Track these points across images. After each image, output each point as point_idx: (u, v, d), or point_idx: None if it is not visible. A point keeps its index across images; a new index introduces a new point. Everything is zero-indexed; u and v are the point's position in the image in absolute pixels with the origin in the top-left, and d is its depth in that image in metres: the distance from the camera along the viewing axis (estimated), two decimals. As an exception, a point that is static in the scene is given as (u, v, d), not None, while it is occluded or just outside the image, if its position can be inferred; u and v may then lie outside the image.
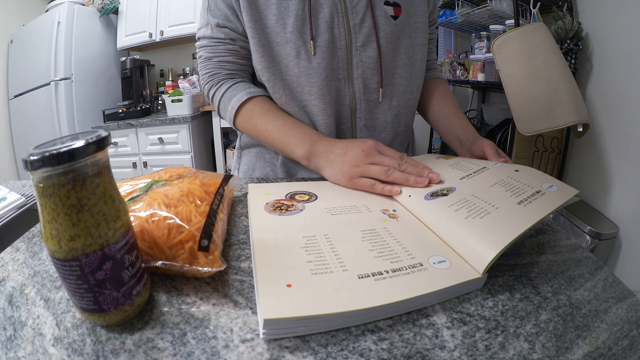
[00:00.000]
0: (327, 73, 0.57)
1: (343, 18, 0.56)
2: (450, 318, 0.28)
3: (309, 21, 0.55)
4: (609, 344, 0.26)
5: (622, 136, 1.30)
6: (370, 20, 0.57)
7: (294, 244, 0.35)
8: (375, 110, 0.62)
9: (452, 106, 0.70)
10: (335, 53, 0.57)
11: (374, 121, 0.63)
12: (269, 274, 0.30)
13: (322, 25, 0.56)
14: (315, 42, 0.56)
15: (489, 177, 0.45)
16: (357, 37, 0.58)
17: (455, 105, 0.71)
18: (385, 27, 0.58)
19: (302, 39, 0.55)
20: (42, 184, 0.22)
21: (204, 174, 0.45)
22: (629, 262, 1.28)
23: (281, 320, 0.25)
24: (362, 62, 0.59)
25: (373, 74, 0.60)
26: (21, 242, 0.41)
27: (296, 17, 0.54)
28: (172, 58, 2.66)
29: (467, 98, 2.47)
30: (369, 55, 0.58)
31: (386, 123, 0.64)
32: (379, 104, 0.62)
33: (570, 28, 1.36)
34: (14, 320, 0.28)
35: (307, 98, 0.59)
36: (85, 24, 2.30)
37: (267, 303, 0.26)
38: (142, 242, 0.30)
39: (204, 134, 2.36)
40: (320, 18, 0.56)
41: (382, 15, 0.58)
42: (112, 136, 1.59)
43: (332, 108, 0.60)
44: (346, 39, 0.57)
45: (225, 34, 0.59)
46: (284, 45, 0.56)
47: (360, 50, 0.58)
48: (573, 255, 0.38)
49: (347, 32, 0.57)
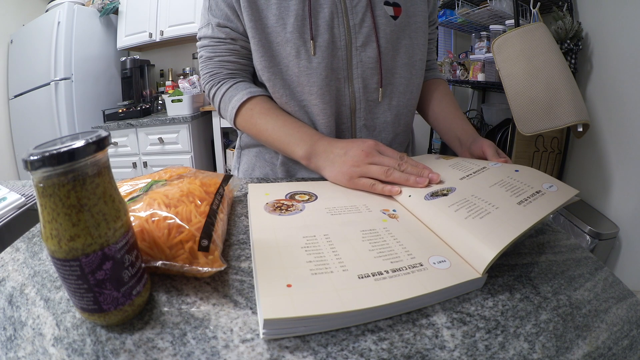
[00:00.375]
0: (327, 73, 0.57)
1: (343, 18, 0.57)
2: (450, 318, 0.28)
3: (309, 21, 0.55)
4: (609, 344, 0.26)
5: (622, 136, 1.30)
6: (370, 20, 0.57)
7: (294, 244, 0.35)
8: (375, 110, 0.63)
9: (452, 106, 0.70)
10: (335, 53, 0.58)
11: (374, 121, 0.63)
12: (269, 274, 0.30)
13: (322, 25, 0.56)
14: (315, 42, 0.56)
15: (489, 177, 0.45)
16: (357, 37, 0.58)
17: (455, 105, 0.71)
18: (385, 27, 0.58)
19: (302, 38, 0.55)
20: (42, 184, 0.22)
21: (204, 174, 0.45)
22: (629, 262, 1.28)
23: (281, 320, 0.25)
24: (362, 62, 0.59)
25: (373, 74, 0.60)
26: (21, 242, 0.41)
27: (296, 17, 0.55)
28: (172, 58, 2.66)
29: (467, 98, 2.47)
30: (368, 55, 0.58)
31: (386, 123, 0.64)
32: (378, 104, 0.62)
33: (570, 28, 1.36)
34: (14, 320, 0.28)
35: (307, 98, 0.59)
36: (85, 24, 2.30)
37: (267, 303, 0.26)
38: (142, 242, 0.30)
39: (204, 134, 2.36)
40: (320, 18, 0.56)
41: (382, 16, 0.58)
42: (112, 136, 1.59)
43: (332, 108, 0.60)
44: (346, 39, 0.57)
45: (226, 33, 0.59)
46: (284, 45, 0.56)
47: (360, 50, 0.58)
48: (573, 255, 0.38)
49: (347, 32, 0.57)
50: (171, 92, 2.23)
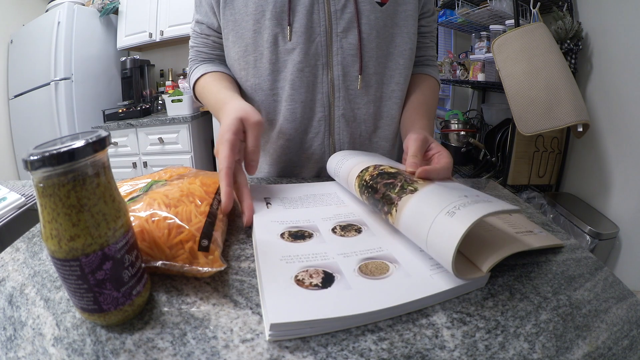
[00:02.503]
0: (302, 58, 0.57)
1: (324, 3, 0.56)
2: (450, 318, 0.28)
3: (288, 7, 0.55)
4: (609, 344, 0.26)
5: (622, 136, 1.30)
6: (353, 5, 0.56)
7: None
8: (355, 100, 0.61)
9: (421, 99, 0.64)
10: (313, 39, 0.57)
11: (354, 111, 0.62)
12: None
13: (300, 11, 0.55)
14: (292, 27, 0.56)
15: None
16: (338, 22, 0.57)
17: (425, 100, 0.64)
18: (370, 13, 0.57)
19: (280, 25, 0.56)
20: (42, 184, 0.22)
21: (204, 174, 0.45)
22: (629, 262, 1.28)
23: (288, 324, 0.25)
24: (343, 49, 0.58)
25: (354, 61, 0.58)
26: (21, 242, 0.41)
27: (275, 4, 0.55)
28: (172, 58, 2.66)
29: (467, 98, 2.47)
30: (349, 42, 0.57)
31: (367, 114, 0.62)
32: (358, 93, 0.60)
33: (570, 28, 1.36)
34: (14, 320, 0.28)
35: (278, 85, 0.59)
36: (85, 24, 2.30)
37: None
38: (142, 242, 0.30)
39: (204, 134, 2.36)
40: (300, 4, 0.55)
41: (367, 2, 0.57)
42: (112, 136, 1.59)
43: (301, 95, 0.59)
44: (326, 25, 0.56)
45: (201, 29, 0.65)
46: (262, 33, 0.57)
47: (341, 37, 0.57)
48: (573, 255, 0.38)
49: (327, 18, 0.56)
50: (171, 92, 2.23)
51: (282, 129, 0.62)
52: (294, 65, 0.57)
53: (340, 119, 0.61)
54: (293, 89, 0.58)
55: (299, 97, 0.59)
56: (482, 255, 0.32)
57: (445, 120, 2.21)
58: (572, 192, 1.56)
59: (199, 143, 2.30)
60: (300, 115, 0.60)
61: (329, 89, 0.60)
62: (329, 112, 0.61)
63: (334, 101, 0.60)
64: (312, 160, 0.64)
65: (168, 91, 2.40)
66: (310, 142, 0.63)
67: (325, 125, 0.62)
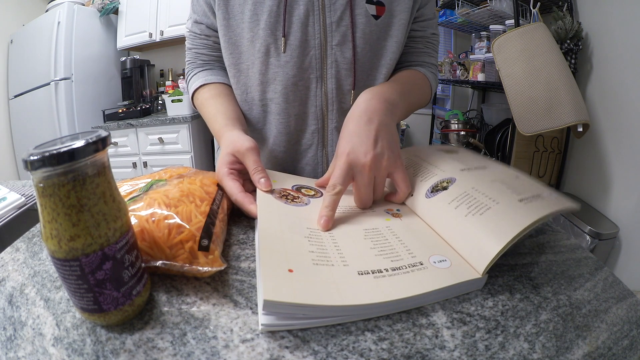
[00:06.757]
0: (295, 72, 0.56)
1: (320, 15, 0.55)
2: (450, 318, 0.28)
3: (283, 17, 0.54)
4: (609, 344, 0.26)
5: (622, 136, 1.30)
6: (349, 18, 0.55)
7: (297, 232, 0.35)
8: (348, 112, 0.60)
9: (399, 77, 0.60)
10: (308, 52, 0.56)
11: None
12: (272, 257, 0.30)
13: (295, 23, 0.54)
14: (287, 39, 0.55)
15: (490, 174, 0.45)
16: (333, 35, 0.56)
17: (404, 81, 0.59)
18: (365, 26, 0.56)
19: (274, 35, 0.55)
20: (42, 184, 0.22)
21: (204, 174, 0.45)
22: (629, 262, 1.28)
23: (280, 304, 0.25)
24: (337, 62, 0.57)
25: (347, 75, 0.58)
26: (21, 242, 0.41)
27: (270, 14, 0.54)
28: (172, 58, 2.66)
29: (467, 98, 2.47)
30: (344, 55, 0.57)
31: None
32: (350, 106, 0.58)
33: (570, 28, 1.36)
34: (14, 320, 0.28)
35: (269, 97, 0.59)
36: (85, 24, 2.30)
37: (268, 285, 0.26)
38: (142, 242, 0.30)
39: (204, 134, 2.36)
40: (294, 15, 0.54)
41: (362, 14, 0.56)
42: (112, 136, 1.58)
43: (294, 109, 0.59)
44: (321, 37, 0.56)
45: (200, 30, 0.63)
46: (255, 42, 0.56)
47: (335, 50, 0.56)
48: (573, 255, 0.38)
49: (322, 30, 0.55)
50: (171, 92, 2.23)
51: (275, 141, 0.62)
52: (288, 79, 0.56)
53: (333, 132, 0.61)
54: (287, 102, 0.58)
55: (293, 111, 0.59)
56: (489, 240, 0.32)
57: (445, 120, 2.21)
58: (572, 192, 1.57)
59: (199, 143, 2.30)
60: (294, 128, 0.60)
61: (322, 102, 0.59)
62: (322, 124, 0.61)
63: (327, 114, 0.60)
64: (305, 172, 0.64)
65: (168, 91, 2.40)
66: (303, 153, 0.63)
67: (318, 138, 0.62)
